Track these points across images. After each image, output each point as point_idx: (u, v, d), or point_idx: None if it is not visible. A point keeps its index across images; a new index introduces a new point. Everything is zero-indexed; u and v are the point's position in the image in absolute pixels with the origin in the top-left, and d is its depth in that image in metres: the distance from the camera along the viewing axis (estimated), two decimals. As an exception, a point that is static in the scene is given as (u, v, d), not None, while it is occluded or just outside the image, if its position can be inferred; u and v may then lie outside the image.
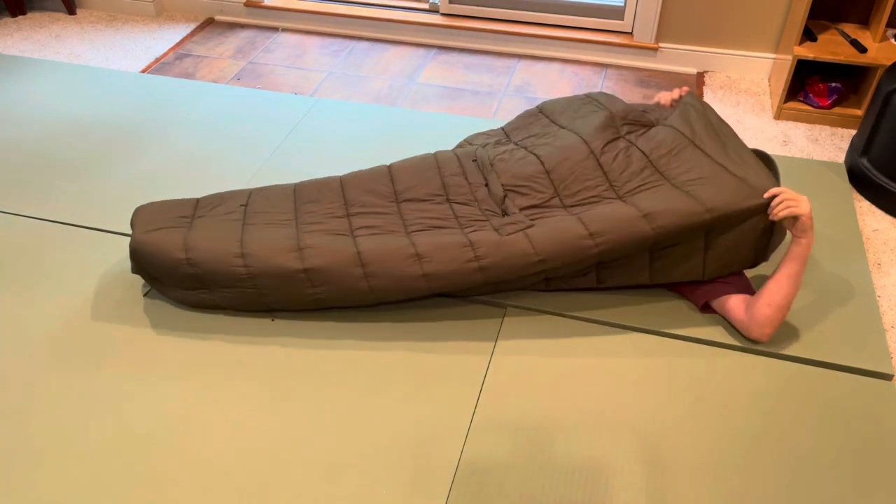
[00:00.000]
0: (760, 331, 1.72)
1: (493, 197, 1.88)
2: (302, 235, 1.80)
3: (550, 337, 1.79)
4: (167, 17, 3.46)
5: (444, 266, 1.72)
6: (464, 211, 1.87)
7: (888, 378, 1.70)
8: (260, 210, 1.91)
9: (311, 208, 1.91)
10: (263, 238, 1.80)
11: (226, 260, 1.76)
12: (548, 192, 1.86)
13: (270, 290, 1.77)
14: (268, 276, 1.75)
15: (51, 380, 1.69)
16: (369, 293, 1.74)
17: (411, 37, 3.24)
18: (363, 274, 1.73)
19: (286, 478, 1.49)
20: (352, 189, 1.95)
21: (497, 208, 1.85)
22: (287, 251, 1.75)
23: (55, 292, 1.92)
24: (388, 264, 1.72)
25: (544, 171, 1.89)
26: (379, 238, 1.79)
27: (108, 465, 1.52)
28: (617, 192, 1.82)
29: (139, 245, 1.79)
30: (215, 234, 1.82)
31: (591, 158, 1.89)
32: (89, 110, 2.67)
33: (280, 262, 1.74)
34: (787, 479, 1.49)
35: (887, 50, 2.54)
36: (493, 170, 1.94)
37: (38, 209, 2.19)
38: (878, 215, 2.24)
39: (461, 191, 1.91)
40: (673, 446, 1.55)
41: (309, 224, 1.85)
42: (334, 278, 1.73)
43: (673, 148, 1.86)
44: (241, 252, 1.77)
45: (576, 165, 1.88)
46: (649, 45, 2.99)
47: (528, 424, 1.60)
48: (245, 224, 1.86)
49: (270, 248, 1.76)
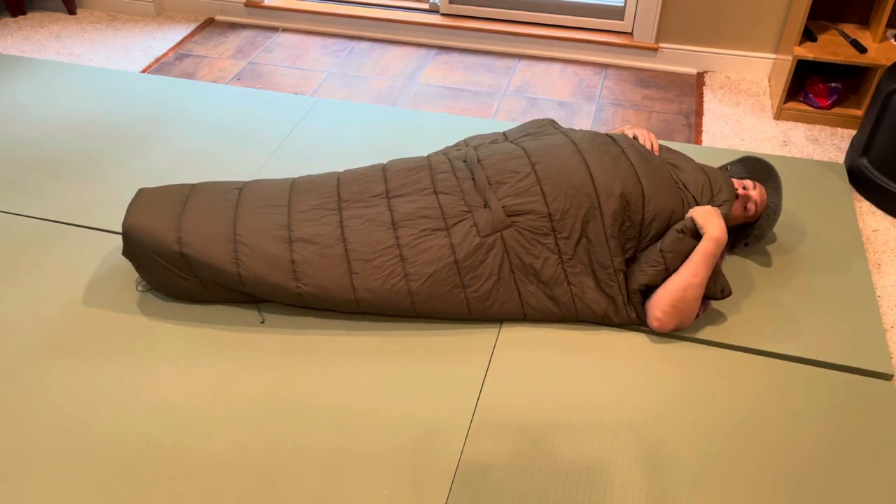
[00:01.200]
0: (651, 314, 1.76)
1: (477, 189, 1.88)
2: (293, 224, 1.85)
3: (550, 337, 1.79)
4: (167, 17, 3.46)
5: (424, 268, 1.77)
6: (449, 201, 1.88)
7: (888, 378, 1.70)
8: (255, 191, 1.95)
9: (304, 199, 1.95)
10: (253, 221, 1.85)
11: (216, 241, 1.79)
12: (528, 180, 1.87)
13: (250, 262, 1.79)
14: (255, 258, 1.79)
15: (49, 377, 1.69)
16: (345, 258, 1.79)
17: (411, 37, 3.24)
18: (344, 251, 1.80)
19: (286, 477, 1.49)
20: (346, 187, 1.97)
21: (480, 200, 1.86)
22: (278, 241, 1.80)
23: (55, 292, 1.92)
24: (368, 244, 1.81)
25: (529, 164, 1.89)
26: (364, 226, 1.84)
27: (107, 461, 1.52)
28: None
29: (131, 227, 1.80)
30: (208, 213, 1.85)
31: (578, 154, 1.90)
32: (89, 110, 2.67)
33: (270, 250, 1.79)
34: (786, 478, 1.49)
35: (887, 50, 2.54)
36: (480, 164, 1.94)
37: (38, 209, 2.19)
38: (878, 216, 2.24)
39: (448, 184, 1.92)
40: (673, 446, 1.55)
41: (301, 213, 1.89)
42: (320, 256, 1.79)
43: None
44: (232, 235, 1.80)
45: (561, 161, 1.89)
46: (649, 45, 2.99)
47: (528, 424, 1.60)
48: (238, 205, 1.89)
49: (261, 228, 1.83)
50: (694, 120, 2.72)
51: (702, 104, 2.80)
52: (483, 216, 1.82)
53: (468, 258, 1.78)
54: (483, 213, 1.83)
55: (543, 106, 2.80)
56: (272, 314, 1.85)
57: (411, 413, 1.62)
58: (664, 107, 2.80)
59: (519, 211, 1.81)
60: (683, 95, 2.86)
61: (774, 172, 1.99)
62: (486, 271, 1.78)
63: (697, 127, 2.67)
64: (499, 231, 1.80)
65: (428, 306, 1.78)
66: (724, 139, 2.59)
